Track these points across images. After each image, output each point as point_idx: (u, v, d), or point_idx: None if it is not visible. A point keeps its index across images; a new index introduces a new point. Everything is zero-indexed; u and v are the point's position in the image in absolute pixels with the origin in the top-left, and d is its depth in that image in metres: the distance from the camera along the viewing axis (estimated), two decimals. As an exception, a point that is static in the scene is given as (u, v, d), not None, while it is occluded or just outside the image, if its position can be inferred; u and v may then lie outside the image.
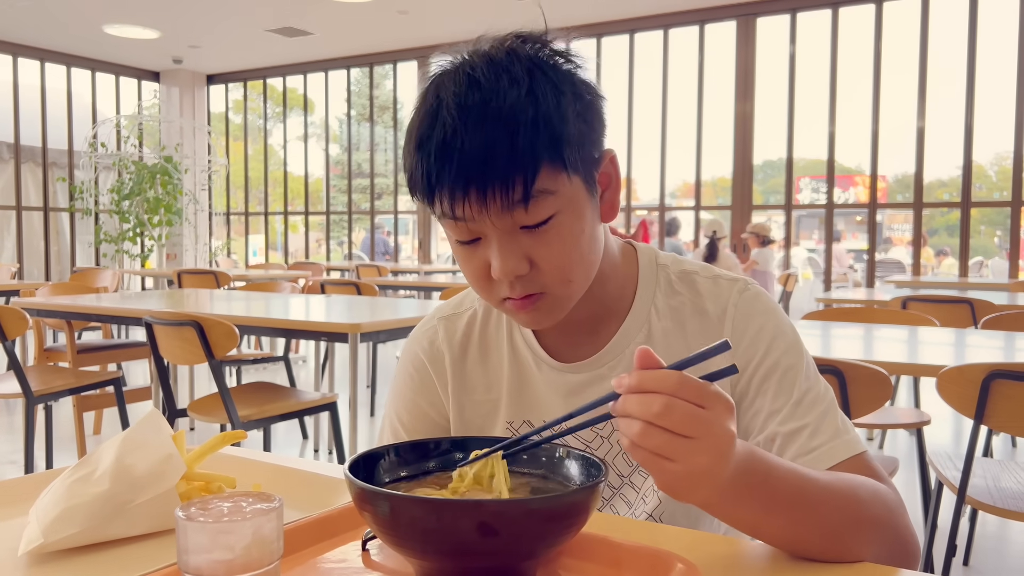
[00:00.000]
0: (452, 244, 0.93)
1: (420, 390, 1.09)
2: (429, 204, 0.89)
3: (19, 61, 10.20)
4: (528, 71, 0.85)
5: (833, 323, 3.14)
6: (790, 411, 0.93)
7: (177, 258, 10.98)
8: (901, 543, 0.84)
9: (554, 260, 0.88)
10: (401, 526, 0.67)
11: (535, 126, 0.83)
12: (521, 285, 0.89)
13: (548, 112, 0.84)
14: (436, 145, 0.84)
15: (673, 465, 0.66)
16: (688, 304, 1.02)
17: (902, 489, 3.59)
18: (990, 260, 13.05)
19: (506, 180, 0.83)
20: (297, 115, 12.08)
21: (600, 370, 1.02)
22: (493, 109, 0.83)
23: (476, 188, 0.83)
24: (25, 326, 3.33)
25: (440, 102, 0.86)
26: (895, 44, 7.86)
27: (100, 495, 0.83)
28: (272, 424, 3.12)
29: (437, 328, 1.11)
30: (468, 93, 0.84)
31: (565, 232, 0.88)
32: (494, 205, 0.84)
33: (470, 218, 0.86)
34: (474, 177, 0.83)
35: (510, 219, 0.86)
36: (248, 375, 6.23)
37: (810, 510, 0.78)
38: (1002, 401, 1.90)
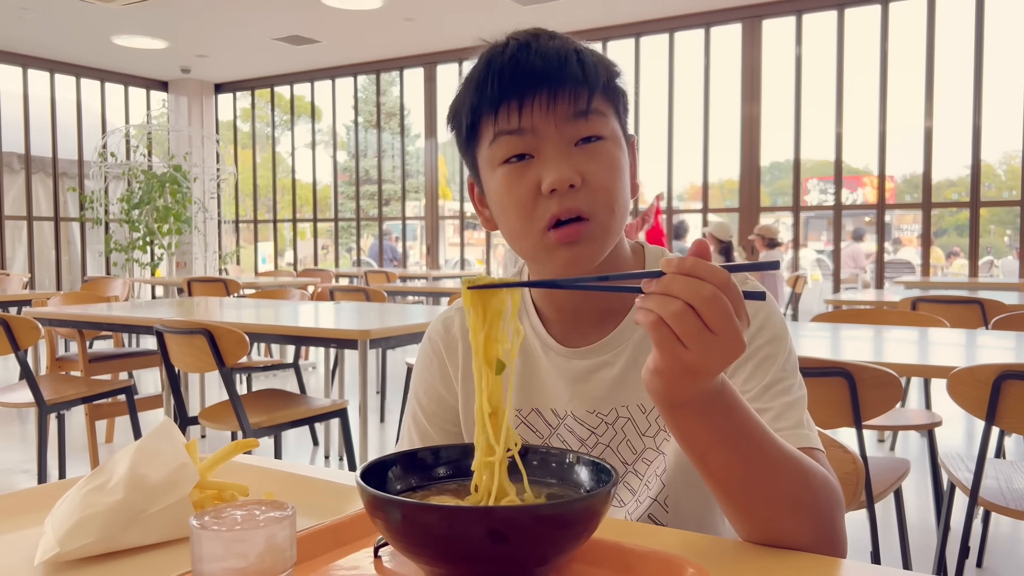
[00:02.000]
0: (498, 176, 0.95)
1: (437, 374, 1.13)
2: (493, 116, 0.92)
3: (29, 73, 10.27)
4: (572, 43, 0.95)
5: (842, 325, 3.13)
6: (759, 393, 0.95)
7: (187, 266, 11.02)
8: (835, 539, 0.85)
9: (603, 179, 0.93)
10: (413, 533, 0.67)
11: (595, 57, 0.94)
12: (572, 199, 0.92)
13: (603, 59, 0.95)
14: (510, 54, 0.91)
15: (687, 354, 0.68)
16: None
17: (914, 491, 3.59)
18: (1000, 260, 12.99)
19: (576, 86, 0.90)
20: (305, 123, 12.11)
21: (605, 356, 1.04)
22: (559, 41, 0.93)
23: (547, 90, 0.90)
24: (37, 336, 3.35)
25: (509, 38, 0.94)
26: (901, 44, 7.83)
27: (115, 504, 0.84)
28: (283, 431, 3.13)
29: (454, 317, 1.14)
30: (529, 37, 0.94)
31: (612, 157, 0.94)
32: (562, 108, 0.90)
33: (534, 127, 0.91)
34: (547, 81, 0.90)
35: (572, 128, 0.91)
36: (258, 382, 6.25)
37: (763, 458, 0.79)
38: (1013, 402, 1.90)
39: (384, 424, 5.18)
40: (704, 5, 8.18)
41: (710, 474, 0.80)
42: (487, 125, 0.94)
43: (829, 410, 1.95)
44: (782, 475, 0.80)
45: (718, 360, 0.69)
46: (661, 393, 0.74)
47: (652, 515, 1.02)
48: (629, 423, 1.03)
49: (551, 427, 1.07)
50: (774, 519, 0.81)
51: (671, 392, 0.73)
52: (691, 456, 0.80)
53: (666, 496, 1.02)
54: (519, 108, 0.91)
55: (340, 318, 3.63)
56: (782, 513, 0.81)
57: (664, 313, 0.67)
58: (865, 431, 2.06)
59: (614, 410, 1.03)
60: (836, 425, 1.97)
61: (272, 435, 3.13)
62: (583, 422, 1.05)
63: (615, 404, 1.03)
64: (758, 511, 0.81)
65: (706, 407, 0.75)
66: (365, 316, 3.61)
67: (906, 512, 2.36)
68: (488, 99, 0.92)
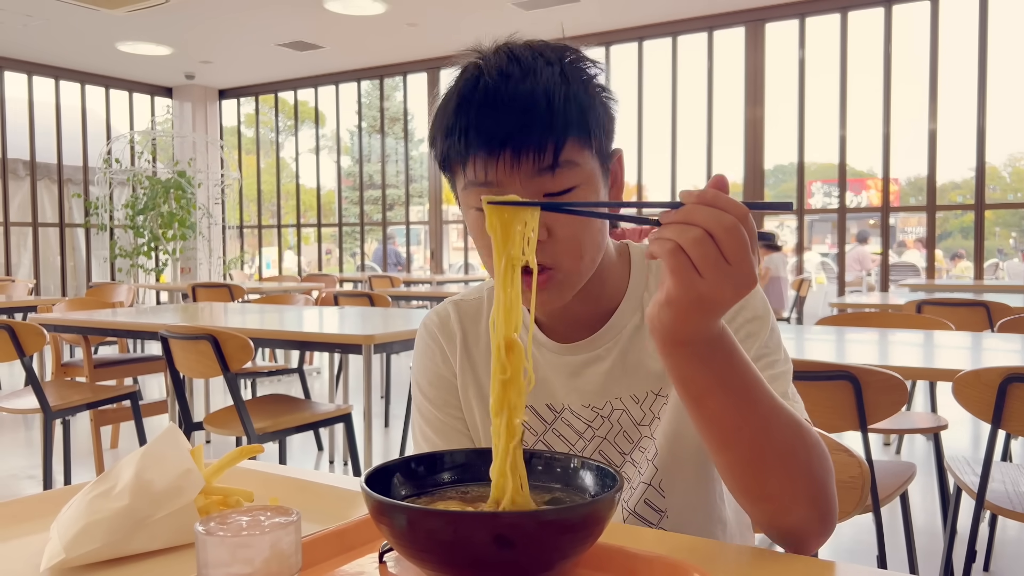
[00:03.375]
0: (471, 218, 0.97)
1: (439, 359, 1.14)
2: (462, 167, 0.93)
3: (34, 79, 10.32)
4: (559, 59, 0.94)
5: (847, 328, 3.12)
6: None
7: (191, 272, 11.04)
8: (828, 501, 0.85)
9: (570, 231, 0.93)
10: (418, 539, 0.67)
11: (567, 100, 0.91)
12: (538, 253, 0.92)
13: (578, 92, 0.92)
14: (477, 106, 0.90)
15: (702, 283, 0.69)
16: None
17: (920, 495, 3.58)
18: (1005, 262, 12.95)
19: (540, 144, 0.89)
20: (308, 128, 12.16)
21: (598, 351, 1.06)
22: (531, 80, 0.90)
23: (511, 149, 0.90)
24: (42, 342, 3.36)
25: (481, 71, 0.92)
26: (905, 47, 7.83)
27: (120, 510, 0.84)
28: (287, 436, 3.13)
29: (450, 310, 1.16)
30: (509, 64, 0.92)
31: None
32: (526, 167, 0.90)
33: (500, 181, 0.91)
34: (511, 138, 0.89)
35: (537, 184, 0.91)
36: (263, 387, 6.26)
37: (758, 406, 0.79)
38: (1020, 405, 1.89)
39: (389, 429, 5.18)
40: (707, 9, 8.19)
41: (706, 420, 0.80)
42: (458, 171, 0.95)
43: (834, 413, 1.95)
44: (776, 425, 0.80)
45: (732, 291, 0.69)
46: (668, 327, 0.74)
47: (648, 500, 1.04)
48: (624, 414, 1.05)
49: (547, 423, 1.08)
50: (767, 472, 0.81)
51: (679, 326, 0.73)
52: (688, 401, 0.80)
53: (660, 480, 1.04)
54: (484, 164, 0.91)
55: (344, 323, 3.63)
56: (775, 466, 0.81)
57: (683, 240, 0.68)
58: (871, 435, 2.05)
59: (608, 403, 1.06)
60: (841, 429, 1.96)
61: (277, 440, 3.13)
62: (579, 416, 1.07)
63: (609, 397, 1.06)
64: (752, 463, 0.81)
65: (708, 348, 0.75)
66: (369, 321, 3.61)
67: (912, 516, 2.35)
68: (456, 151, 0.93)
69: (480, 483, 0.82)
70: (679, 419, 1.03)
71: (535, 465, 0.82)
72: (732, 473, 0.83)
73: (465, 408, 1.12)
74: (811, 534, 0.85)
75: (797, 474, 0.82)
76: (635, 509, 1.05)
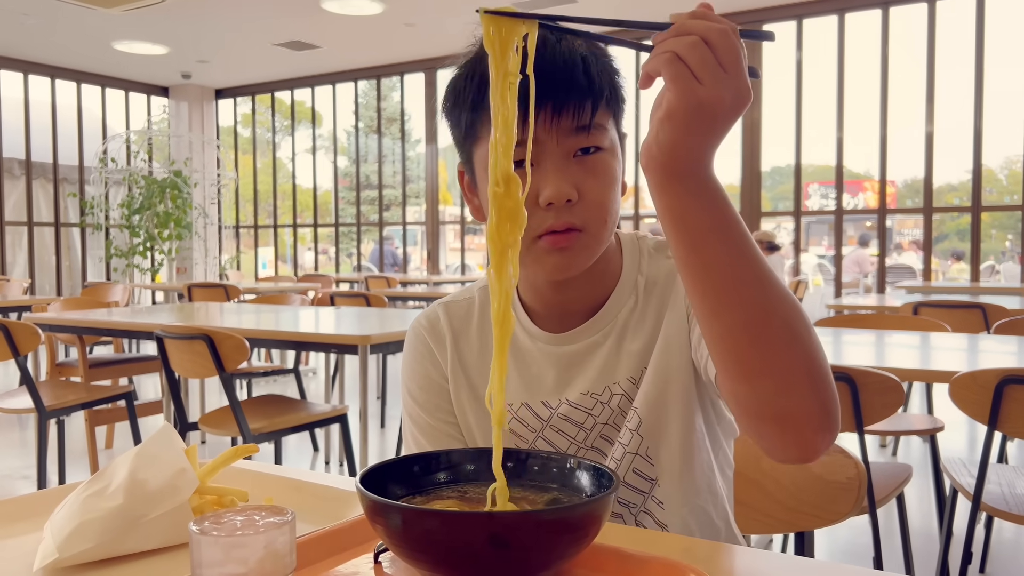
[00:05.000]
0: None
1: (429, 362, 1.12)
2: None
3: (30, 78, 10.29)
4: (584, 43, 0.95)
5: (844, 329, 3.12)
6: None
7: (187, 272, 11.02)
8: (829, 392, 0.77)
9: (598, 193, 0.94)
10: (413, 539, 0.67)
11: (601, 67, 0.94)
12: (567, 213, 0.93)
13: (607, 64, 0.96)
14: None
15: (701, 89, 0.68)
16: (664, 270, 1.08)
17: (916, 496, 3.59)
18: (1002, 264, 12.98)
19: (580, 102, 0.91)
20: (305, 128, 12.13)
21: (595, 337, 1.05)
22: (568, 45, 0.93)
23: (554, 104, 0.90)
24: (37, 341, 3.35)
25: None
26: (902, 49, 7.85)
27: (114, 510, 0.84)
28: (283, 436, 3.13)
29: (439, 313, 1.15)
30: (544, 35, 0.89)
31: (609, 169, 0.96)
32: (566, 121, 0.91)
33: (536, 138, 0.90)
34: (552, 92, 0.89)
35: (572, 140, 0.93)
36: (259, 388, 6.25)
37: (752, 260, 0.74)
38: (1016, 406, 1.89)
39: (384, 430, 5.17)
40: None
41: (704, 272, 0.74)
42: (486, 128, 0.92)
43: (831, 415, 1.95)
44: (773, 288, 0.74)
45: (731, 99, 0.68)
46: (668, 148, 0.70)
47: (637, 469, 1.05)
48: (623, 398, 1.05)
49: (543, 420, 1.07)
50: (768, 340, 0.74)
51: (679, 145, 0.70)
52: (685, 248, 0.74)
53: (646, 448, 1.04)
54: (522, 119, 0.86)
55: (340, 323, 3.63)
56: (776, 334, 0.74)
57: (679, 47, 0.68)
58: (867, 436, 2.05)
59: (607, 388, 1.05)
60: (838, 430, 1.96)
61: (272, 441, 3.13)
62: (579, 406, 1.06)
63: (608, 382, 1.05)
64: (752, 327, 0.74)
65: (705, 186, 0.72)
66: (366, 321, 3.60)
67: (908, 518, 2.36)
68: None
69: (477, 483, 0.81)
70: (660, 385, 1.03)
71: (531, 465, 0.82)
72: (731, 341, 0.75)
73: (458, 411, 1.11)
74: (812, 422, 0.76)
75: (797, 346, 0.75)
76: (624, 479, 1.05)
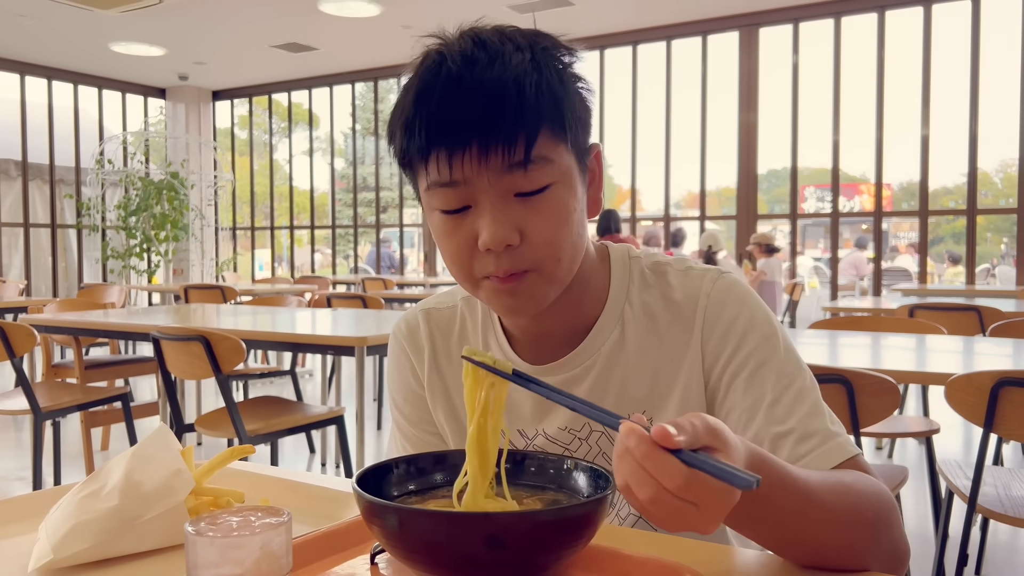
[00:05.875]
0: (435, 220, 0.89)
1: (409, 373, 1.08)
2: (423, 164, 0.85)
3: (26, 79, 10.28)
4: (530, 44, 0.86)
5: (840, 332, 3.13)
6: (767, 412, 0.88)
7: (184, 273, 11.01)
8: (896, 547, 0.82)
9: (546, 233, 0.85)
10: (410, 540, 0.67)
11: (539, 88, 0.82)
12: (509, 259, 0.85)
13: (551, 80, 0.84)
14: (440, 94, 0.82)
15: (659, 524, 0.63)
16: (660, 297, 0.98)
17: (912, 498, 3.58)
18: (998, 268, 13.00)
19: (510, 137, 0.81)
20: (302, 130, 12.12)
21: (575, 371, 0.98)
22: (500, 67, 0.82)
23: (479, 142, 0.81)
24: (33, 342, 3.34)
25: (444, 58, 0.85)
26: (898, 52, 7.86)
27: (109, 511, 0.84)
28: (279, 438, 3.12)
29: (419, 320, 1.08)
30: (475, 50, 0.84)
31: (559, 205, 0.86)
32: (495, 162, 0.82)
33: (466, 179, 0.83)
34: (478, 130, 0.81)
35: (508, 181, 0.83)
36: (255, 389, 6.24)
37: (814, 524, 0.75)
38: (1011, 409, 1.89)
39: (381, 431, 5.17)
40: (701, 13, 8.21)
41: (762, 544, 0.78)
42: (419, 169, 0.87)
43: (827, 417, 1.95)
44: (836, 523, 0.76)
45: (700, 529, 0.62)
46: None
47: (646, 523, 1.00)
48: (603, 436, 0.99)
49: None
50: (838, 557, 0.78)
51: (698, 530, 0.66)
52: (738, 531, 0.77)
53: None
54: (448, 160, 0.82)
55: (337, 325, 3.62)
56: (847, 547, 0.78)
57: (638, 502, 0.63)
58: (863, 438, 2.06)
59: (587, 425, 0.98)
60: (834, 432, 1.96)
61: (268, 442, 3.12)
62: (556, 440, 1.00)
63: (588, 419, 0.96)
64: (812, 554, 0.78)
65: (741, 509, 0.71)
66: (362, 323, 3.60)
67: (904, 520, 2.36)
68: (417, 147, 0.84)
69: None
70: None
71: (528, 466, 0.82)
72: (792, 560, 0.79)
73: (436, 421, 1.07)
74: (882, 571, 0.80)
75: (858, 545, 0.78)
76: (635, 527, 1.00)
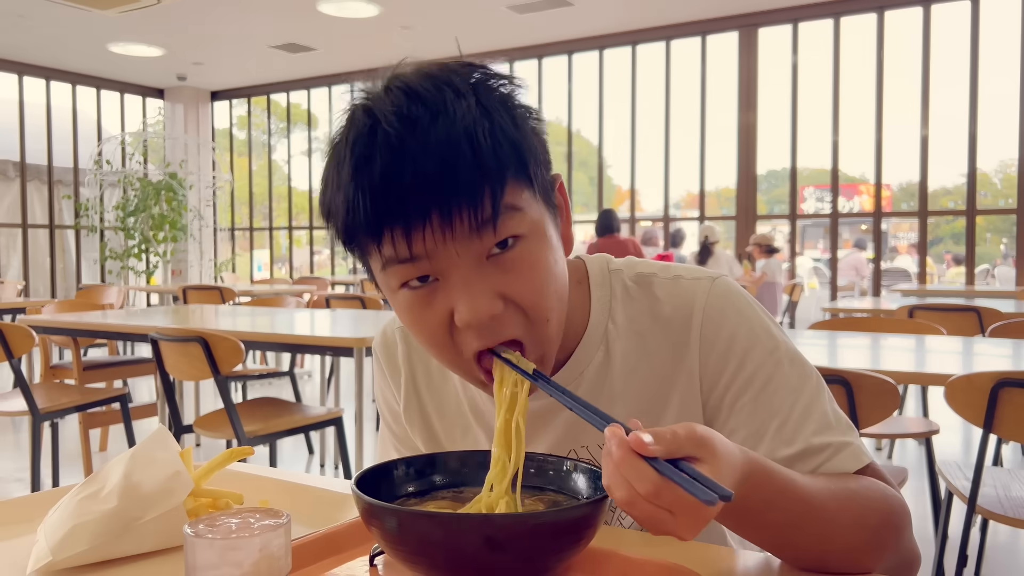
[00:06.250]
0: (399, 300, 0.79)
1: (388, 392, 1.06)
2: (375, 244, 0.74)
3: (24, 80, 10.27)
4: (471, 85, 0.75)
5: (840, 332, 3.13)
6: (776, 435, 0.85)
7: (182, 274, 11.00)
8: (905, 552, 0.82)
9: (530, 294, 0.77)
10: (409, 541, 0.67)
11: (494, 137, 0.73)
12: (494, 330, 0.76)
13: (504, 123, 0.74)
14: (383, 167, 0.71)
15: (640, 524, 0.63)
16: (647, 312, 0.91)
17: (912, 499, 3.58)
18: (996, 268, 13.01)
19: (472, 199, 0.71)
20: (301, 130, 12.13)
21: None
22: (445, 122, 0.71)
23: (438, 210, 0.71)
24: (31, 343, 3.33)
25: (376, 120, 0.73)
26: (897, 53, 7.87)
27: (108, 512, 0.83)
28: (278, 439, 3.12)
29: (397, 339, 1.02)
30: (410, 105, 0.73)
31: (536, 259, 0.77)
32: (461, 228, 0.72)
33: (429, 253, 0.73)
34: (435, 199, 0.70)
35: (477, 245, 0.73)
36: (254, 390, 6.23)
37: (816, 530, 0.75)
38: (1011, 409, 1.89)
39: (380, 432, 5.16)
40: (700, 13, 8.22)
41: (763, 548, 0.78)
42: (370, 249, 0.76)
43: (827, 418, 1.95)
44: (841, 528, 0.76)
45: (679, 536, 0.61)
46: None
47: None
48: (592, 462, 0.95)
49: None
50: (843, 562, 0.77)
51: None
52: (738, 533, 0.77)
53: None
54: (406, 237, 0.72)
55: (336, 326, 3.62)
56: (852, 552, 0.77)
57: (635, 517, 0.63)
58: (862, 439, 2.05)
59: (573, 451, 0.94)
60: (834, 433, 1.96)
61: (267, 444, 3.12)
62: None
63: (574, 445, 0.93)
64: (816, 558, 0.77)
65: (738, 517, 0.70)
66: (361, 324, 3.60)
67: (904, 520, 2.35)
68: (363, 224, 0.73)
69: (473, 486, 0.81)
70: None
71: (527, 468, 0.81)
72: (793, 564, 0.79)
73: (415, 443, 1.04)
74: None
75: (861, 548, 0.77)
76: None
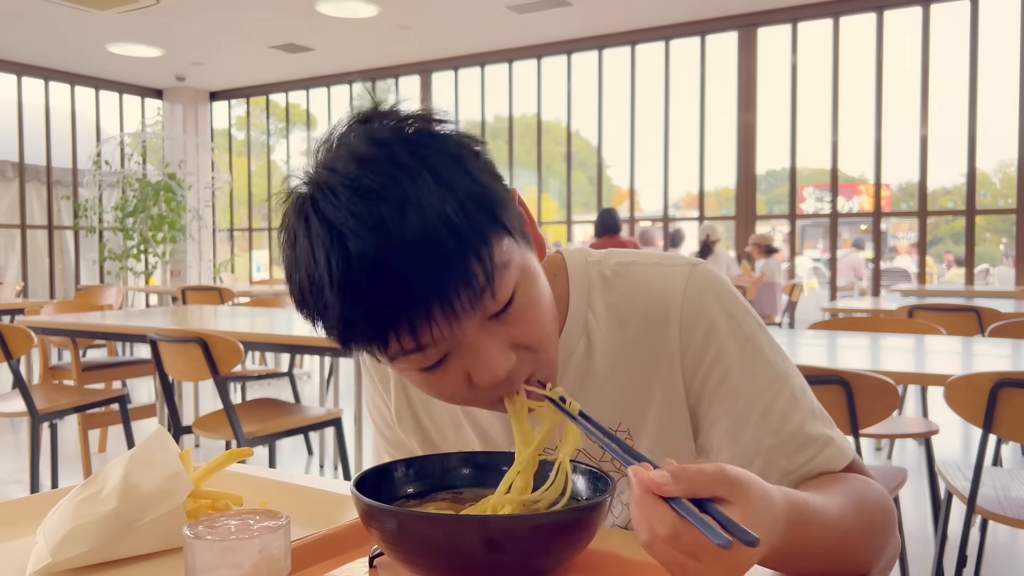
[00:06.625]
0: (413, 379, 0.79)
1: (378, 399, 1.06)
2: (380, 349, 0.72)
3: (23, 80, 10.27)
4: (408, 150, 0.70)
5: (839, 332, 3.13)
6: (760, 422, 0.86)
7: (181, 275, 10.99)
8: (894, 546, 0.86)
9: (535, 334, 0.77)
10: (408, 543, 0.67)
11: (464, 208, 0.68)
12: (515, 380, 0.77)
13: (465, 185, 0.70)
14: (369, 283, 0.67)
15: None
16: (627, 300, 0.91)
17: (911, 499, 3.59)
18: (996, 268, 13.02)
19: (467, 275, 0.68)
20: (300, 131, 12.12)
21: None
22: (413, 211, 0.67)
23: (438, 302, 0.68)
24: (30, 344, 3.33)
25: (332, 228, 0.68)
26: (897, 52, 7.87)
27: (107, 514, 0.83)
28: (277, 440, 3.12)
29: None
30: (362, 204, 0.67)
31: (532, 300, 0.77)
32: (463, 308, 0.69)
33: (437, 339, 0.71)
34: (433, 294, 0.68)
35: (481, 312, 0.72)
36: (253, 391, 6.23)
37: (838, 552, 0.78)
38: (1010, 410, 1.89)
39: (379, 433, 5.16)
40: (700, 13, 8.21)
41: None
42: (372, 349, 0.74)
43: (826, 418, 1.95)
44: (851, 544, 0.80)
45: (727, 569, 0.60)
46: None
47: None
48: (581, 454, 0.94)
49: None
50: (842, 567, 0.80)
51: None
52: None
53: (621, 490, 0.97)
54: (412, 334, 0.70)
55: (335, 326, 3.61)
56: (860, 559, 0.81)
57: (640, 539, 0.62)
58: (862, 439, 2.05)
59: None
60: (833, 433, 1.96)
61: (266, 444, 3.12)
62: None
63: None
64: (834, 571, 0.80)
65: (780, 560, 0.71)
66: (361, 324, 3.59)
67: (903, 521, 2.36)
68: (364, 336, 0.71)
69: (473, 487, 0.81)
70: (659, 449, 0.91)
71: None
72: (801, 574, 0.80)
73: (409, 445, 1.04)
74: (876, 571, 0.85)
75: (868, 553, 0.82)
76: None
